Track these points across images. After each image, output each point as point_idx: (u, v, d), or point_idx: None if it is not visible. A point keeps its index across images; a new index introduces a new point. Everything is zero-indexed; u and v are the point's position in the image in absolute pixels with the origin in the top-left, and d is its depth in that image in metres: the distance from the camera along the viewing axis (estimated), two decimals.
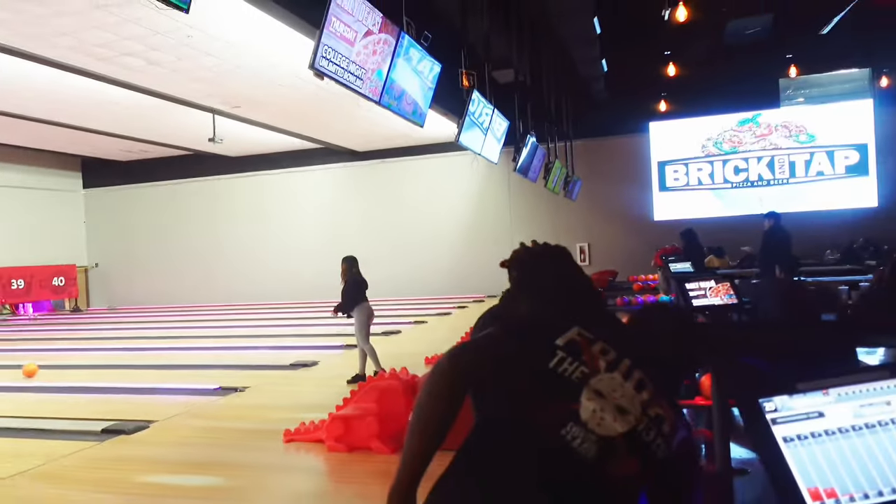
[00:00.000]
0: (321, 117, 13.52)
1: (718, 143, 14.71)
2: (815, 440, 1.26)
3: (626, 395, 1.28)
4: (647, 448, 1.25)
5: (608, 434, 1.23)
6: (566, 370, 1.28)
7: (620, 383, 1.29)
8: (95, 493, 3.95)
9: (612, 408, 1.25)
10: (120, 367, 8.51)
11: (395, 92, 5.12)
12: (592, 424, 1.23)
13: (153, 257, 19.41)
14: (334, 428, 4.59)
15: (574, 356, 1.30)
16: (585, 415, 1.23)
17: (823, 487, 1.21)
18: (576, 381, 1.27)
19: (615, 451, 1.22)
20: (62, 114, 12.57)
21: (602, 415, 1.24)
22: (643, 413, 1.27)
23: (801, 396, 1.31)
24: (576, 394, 1.26)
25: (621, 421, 1.24)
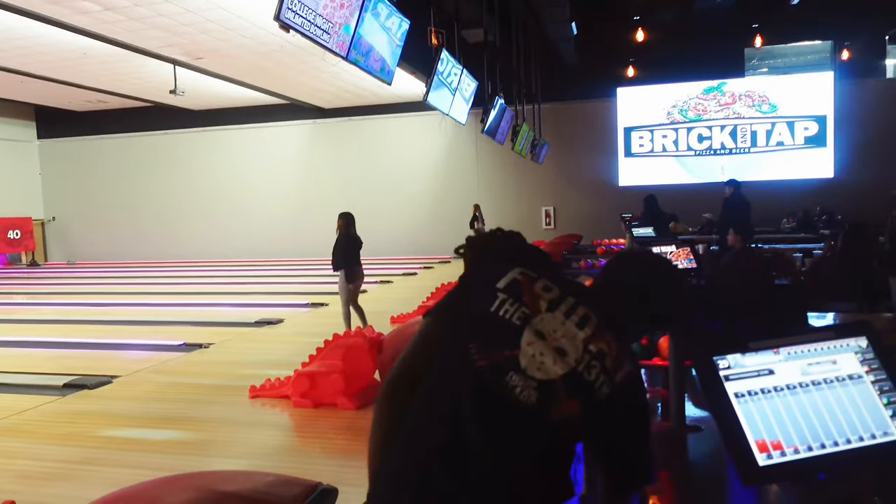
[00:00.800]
0: (287, 72, 13.23)
1: (684, 110, 14.87)
2: (765, 396, 1.34)
3: (568, 334, 1.24)
4: (590, 387, 1.21)
5: (548, 378, 1.20)
6: (507, 312, 1.25)
7: (562, 321, 1.25)
8: (58, 446, 3.93)
9: (551, 350, 1.22)
10: (81, 323, 8.37)
11: (362, 48, 5.03)
12: (532, 370, 1.20)
13: (113, 212, 18.95)
14: (300, 384, 4.63)
15: (515, 297, 1.27)
16: (525, 361, 1.21)
17: (770, 440, 1.29)
18: (517, 323, 1.24)
19: (555, 394, 1.19)
20: (11, 59, 12.03)
21: (542, 359, 1.21)
22: (584, 351, 1.22)
23: (753, 355, 1.38)
24: (516, 339, 1.23)
25: (561, 363, 1.21)
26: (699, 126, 14.81)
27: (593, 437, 1.26)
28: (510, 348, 1.22)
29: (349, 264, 7.00)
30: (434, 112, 9.04)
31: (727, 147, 14.72)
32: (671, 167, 15.05)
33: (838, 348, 1.42)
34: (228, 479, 1.83)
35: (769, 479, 1.39)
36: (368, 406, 4.59)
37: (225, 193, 18.20)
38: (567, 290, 1.31)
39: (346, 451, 3.89)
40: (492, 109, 9.79)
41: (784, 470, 1.28)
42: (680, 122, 14.93)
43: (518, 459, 1.20)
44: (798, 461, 1.28)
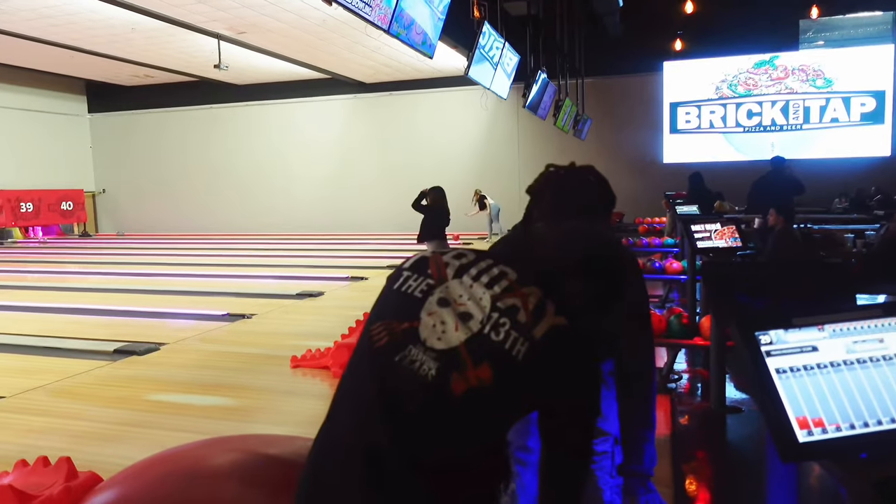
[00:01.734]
0: (329, 47, 13.27)
1: (733, 85, 14.43)
2: (808, 373, 1.31)
3: (474, 296, 1.09)
4: (499, 348, 1.04)
5: (449, 346, 1.05)
6: (409, 287, 1.14)
7: (469, 285, 1.10)
8: (109, 409, 4.09)
9: (454, 316, 1.08)
10: (130, 292, 8.64)
11: (404, 21, 5.01)
12: (432, 340, 1.06)
13: (160, 184, 19.43)
14: (340, 355, 4.70)
15: (419, 272, 1.16)
16: (425, 332, 1.08)
17: (812, 417, 1.26)
18: (418, 296, 1.12)
19: (457, 363, 1.04)
20: (62, 35, 12.34)
21: (443, 328, 1.07)
22: (492, 309, 1.07)
23: (797, 331, 1.35)
24: (416, 310, 1.10)
25: (463, 328, 1.06)
26: (749, 101, 14.37)
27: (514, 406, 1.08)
28: (409, 321, 1.10)
29: (437, 238, 7.02)
30: (475, 87, 8.97)
31: (778, 123, 14.26)
32: (718, 144, 14.68)
33: (885, 327, 1.38)
34: (271, 443, 1.88)
35: (809, 456, 1.36)
36: None
37: (267, 167, 18.47)
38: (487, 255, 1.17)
39: None
40: (534, 84, 9.67)
41: (825, 447, 1.26)
42: (729, 97, 14.51)
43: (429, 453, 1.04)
44: (839, 439, 1.26)
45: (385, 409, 1.06)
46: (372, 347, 1.11)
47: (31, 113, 18.08)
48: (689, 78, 14.78)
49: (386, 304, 1.17)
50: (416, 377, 1.05)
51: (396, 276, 1.19)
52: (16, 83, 17.28)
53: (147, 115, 19.36)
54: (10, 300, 8.08)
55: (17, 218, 17.21)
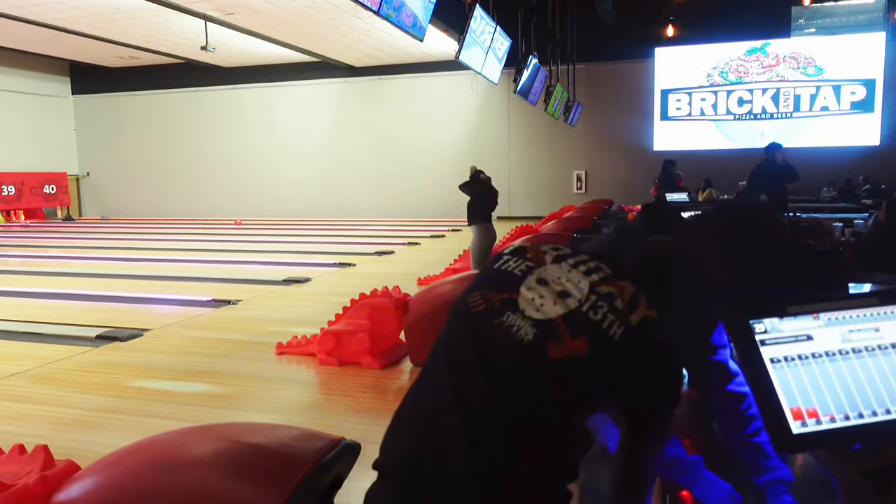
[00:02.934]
0: (318, 29, 13.11)
1: (724, 72, 14.42)
2: (802, 362, 1.28)
3: (572, 279, 1.18)
4: (597, 326, 1.12)
5: (547, 317, 1.15)
6: (508, 266, 1.25)
7: (567, 270, 1.20)
8: (90, 395, 4.02)
9: (553, 293, 1.17)
10: (114, 277, 8.54)
11: (394, 2, 4.93)
12: (530, 311, 1.16)
13: (145, 168, 19.23)
14: (326, 342, 4.65)
15: (518, 255, 1.27)
16: (523, 304, 1.17)
17: (806, 407, 1.23)
18: (518, 273, 1.22)
19: (555, 332, 1.13)
20: (46, 14, 12.11)
21: (541, 301, 1.17)
22: (590, 292, 1.16)
23: (792, 319, 1.31)
24: (515, 285, 1.20)
25: (561, 304, 1.16)
26: (740, 89, 14.38)
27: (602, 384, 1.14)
28: (508, 292, 1.20)
29: (485, 221, 6.97)
30: (466, 71, 8.91)
31: (768, 111, 14.28)
32: (709, 132, 14.68)
33: (882, 315, 1.35)
34: (252, 431, 1.83)
35: (802, 447, 1.33)
36: (393, 366, 4.62)
37: (255, 151, 18.31)
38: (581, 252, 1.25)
39: (371, 409, 3.92)
40: (525, 69, 9.60)
41: (818, 438, 1.23)
42: (720, 84, 14.50)
43: (518, 411, 1.12)
44: (834, 430, 1.23)
45: (480, 364, 1.15)
46: (469, 311, 1.21)
47: (13, 94, 17.79)
48: (680, 65, 14.75)
49: (484, 279, 1.27)
50: (513, 339, 1.14)
51: (496, 258, 1.29)
52: None
53: (132, 97, 19.10)
54: None
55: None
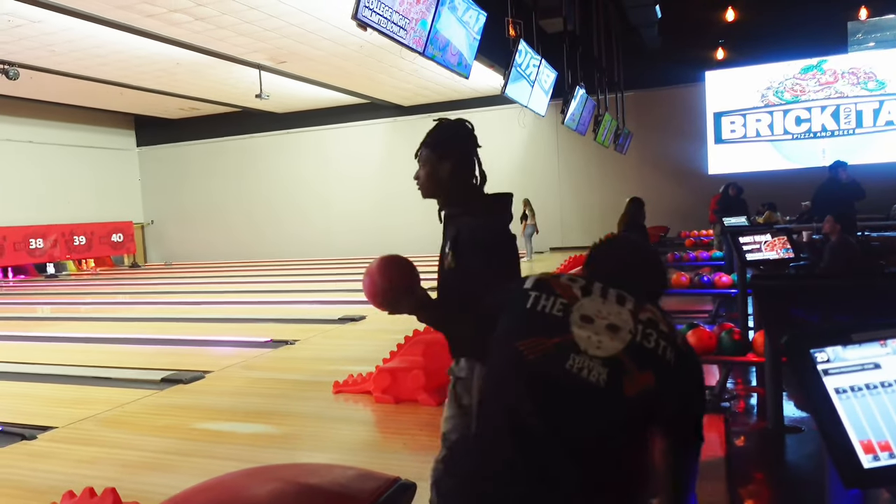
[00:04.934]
0: (366, 72, 13.46)
1: (779, 91, 14.08)
2: (870, 392, 1.21)
3: (612, 311, 1.24)
4: (654, 355, 1.21)
5: (610, 354, 1.19)
6: (545, 307, 1.26)
7: (601, 302, 1.25)
8: (158, 437, 4.12)
9: (604, 328, 1.22)
10: (177, 321, 8.81)
11: (439, 43, 5.03)
12: (592, 350, 1.19)
13: (205, 214, 19.91)
14: (381, 380, 4.66)
15: (546, 292, 1.28)
16: (583, 343, 1.20)
17: (877, 440, 1.16)
18: (558, 314, 1.24)
19: (624, 368, 1.19)
20: (112, 73, 12.82)
21: (598, 338, 1.20)
22: (636, 322, 1.23)
23: (856, 347, 1.25)
24: (564, 326, 1.23)
25: (618, 338, 1.21)
26: (797, 108, 13.99)
27: (666, 405, 1.23)
28: (560, 335, 1.22)
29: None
30: (513, 105, 8.95)
31: (828, 129, 13.83)
32: (766, 153, 14.30)
33: None
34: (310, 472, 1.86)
35: (875, 483, 1.26)
36: None
37: (308, 192, 18.75)
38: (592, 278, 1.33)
39: (427, 447, 3.88)
40: (572, 100, 9.60)
41: (893, 473, 1.16)
42: (775, 104, 14.15)
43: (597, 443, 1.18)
44: None
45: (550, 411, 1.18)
46: (524, 359, 1.22)
47: (83, 149, 18.80)
48: (732, 86, 14.48)
49: (524, 323, 1.27)
50: (586, 382, 1.17)
51: (521, 296, 1.30)
52: (69, 121, 18.01)
53: (192, 146, 19.92)
54: (62, 332, 8.33)
55: (70, 251, 17.83)
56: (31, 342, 7.87)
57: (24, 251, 16.65)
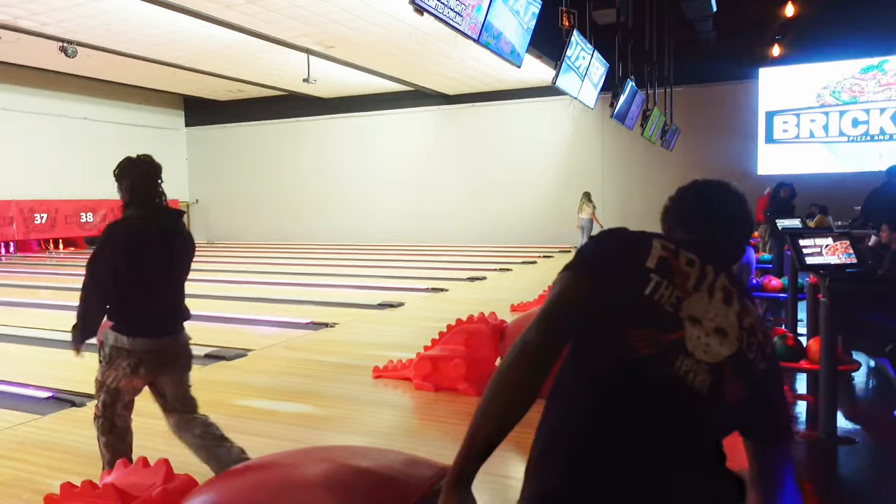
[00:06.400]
0: (414, 59, 13.43)
1: (836, 92, 13.62)
2: None
3: (720, 313, 1.18)
4: (750, 365, 1.19)
5: (717, 360, 1.15)
6: (662, 297, 1.16)
7: (708, 301, 1.19)
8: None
9: (712, 331, 1.16)
10: (220, 298, 8.95)
11: (493, 30, 4.97)
12: (699, 353, 1.14)
13: (248, 195, 20.20)
14: (422, 367, 4.66)
15: (668, 279, 1.18)
16: (691, 344, 1.14)
17: None
18: (671, 308, 1.16)
19: (726, 376, 1.15)
20: (165, 53, 13.04)
21: (707, 340, 1.15)
22: (741, 328, 1.19)
23: None
24: (677, 322, 1.16)
25: (727, 344, 1.16)
26: (854, 109, 13.52)
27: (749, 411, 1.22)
28: (672, 332, 1.15)
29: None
30: (558, 97, 8.86)
31: (887, 132, 13.33)
32: (819, 154, 13.87)
33: None
34: (362, 455, 1.84)
35: None
36: None
37: (351, 178, 18.87)
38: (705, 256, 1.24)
39: None
40: (622, 93, 9.43)
41: None
42: (832, 104, 13.70)
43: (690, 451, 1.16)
44: None
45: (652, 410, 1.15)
46: (638, 354, 1.15)
47: (134, 127, 19.21)
48: (787, 85, 14.06)
49: (638, 308, 1.17)
50: (691, 385, 1.13)
51: (642, 277, 1.18)
52: (122, 99, 18.42)
53: (238, 127, 20.19)
54: None
55: None
56: None
57: (76, 224, 17.12)
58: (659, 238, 1.24)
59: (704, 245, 1.28)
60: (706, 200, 1.42)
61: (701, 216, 1.38)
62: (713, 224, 1.36)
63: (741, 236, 1.39)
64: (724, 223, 1.37)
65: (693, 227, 1.37)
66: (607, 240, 1.26)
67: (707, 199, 1.42)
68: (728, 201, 1.40)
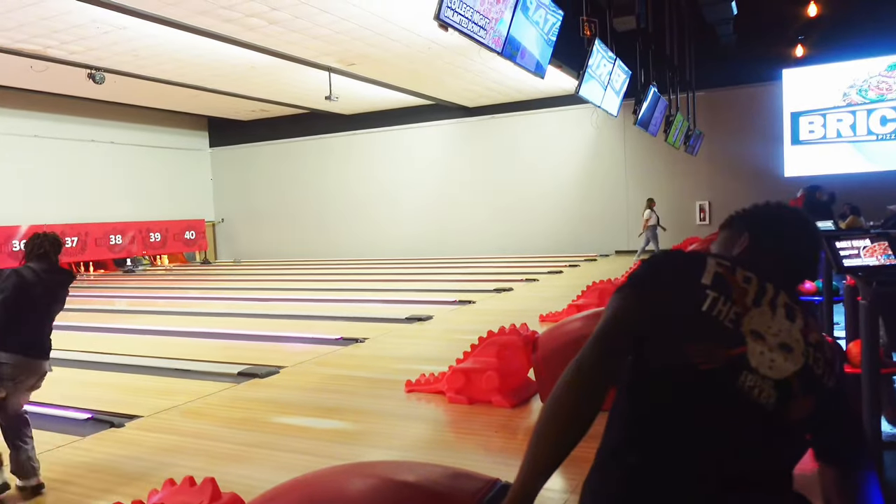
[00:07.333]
0: (433, 73, 13.52)
1: (863, 90, 13.42)
2: None
3: (783, 328, 1.17)
4: (819, 381, 1.17)
5: (783, 376, 1.13)
6: (720, 312, 1.15)
7: (771, 316, 1.17)
8: (238, 430, 4.23)
9: (776, 347, 1.15)
10: (249, 316, 9.05)
11: (516, 43, 4.99)
12: (764, 369, 1.12)
13: (274, 213, 20.42)
14: (455, 380, 4.65)
15: (725, 295, 1.16)
16: (754, 360, 1.13)
17: None
18: (731, 324, 1.14)
19: (791, 392, 1.14)
20: (189, 76, 13.28)
21: (771, 356, 1.14)
22: (806, 344, 1.17)
23: None
24: (738, 338, 1.14)
25: (791, 360, 1.15)
26: (882, 107, 13.30)
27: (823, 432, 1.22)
28: (733, 347, 1.14)
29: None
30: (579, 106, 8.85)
31: None
32: (847, 154, 13.65)
33: None
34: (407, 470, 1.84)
35: None
36: (523, 404, 4.54)
37: (375, 192, 18.99)
38: (762, 273, 1.23)
39: (502, 449, 3.86)
40: (644, 100, 9.39)
41: None
42: (859, 103, 13.49)
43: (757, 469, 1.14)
44: None
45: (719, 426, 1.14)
46: (697, 369, 1.13)
47: (160, 149, 19.57)
48: (811, 85, 13.89)
49: (696, 325, 1.15)
50: (756, 402, 1.12)
51: (698, 294, 1.16)
52: (147, 122, 18.79)
53: (262, 146, 20.46)
54: (141, 324, 8.65)
55: (146, 247, 18.58)
56: (113, 333, 8.22)
57: (105, 247, 17.44)
58: (713, 256, 1.23)
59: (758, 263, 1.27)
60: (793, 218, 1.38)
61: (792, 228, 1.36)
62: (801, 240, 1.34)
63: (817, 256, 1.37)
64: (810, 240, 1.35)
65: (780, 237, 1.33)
66: (662, 260, 1.27)
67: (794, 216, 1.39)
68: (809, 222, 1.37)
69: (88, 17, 9.43)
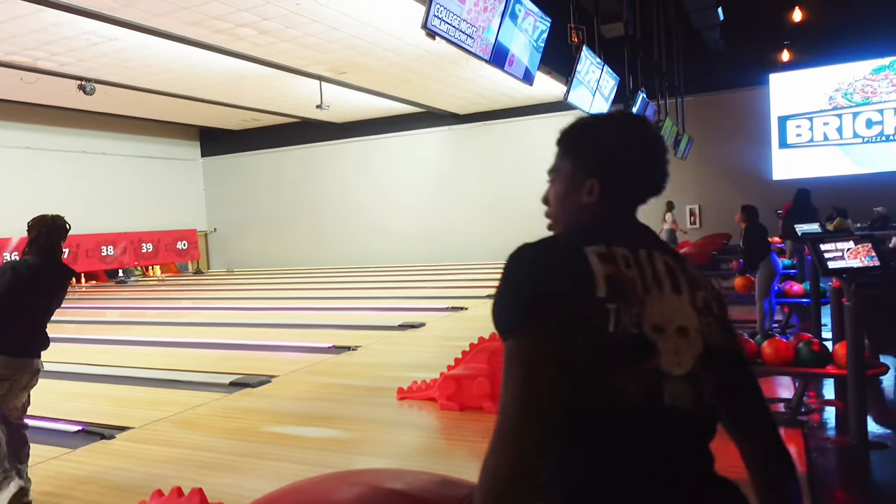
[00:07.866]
0: (424, 81, 13.57)
1: (849, 93, 13.55)
2: None
3: (675, 307, 1.04)
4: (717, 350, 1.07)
5: (689, 370, 1.02)
6: (624, 324, 0.98)
7: (661, 299, 1.03)
8: (230, 440, 4.23)
9: (674, 334, 1.02)
10: (241, 325, 9.03)
11: (504, 50, 5.03)
12: (675, 369, 1.01)
13: (266, 222, 20.38)
14: (446, 387, 4.66)
15: (621, 299, 0.99)
16: (666, 363, 1.00)
17: None
18: (635, 330, 0.99)
19: (700, 378, 1.03)
20: (180, 86, 13.28)
21: (675, 349, 1.02)
22: (697, 314, 1.06)
23: None
24: (646, 345, 1.00)
25: (690, 346, 1.03)
26: (868, 110, 13.43)
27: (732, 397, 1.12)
28: (647, 359, 1.00)
29: (762, 259, 6.59)
30: (569, 112, 8.88)
31: None
32: (834, 157, 13.77)
33: None
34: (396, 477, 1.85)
35: None
36: None
37: (367, 200, 18.99)
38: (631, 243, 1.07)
39: None
40: (633, 105, 9.46)
41: None
42: (844, 106, 13.63)
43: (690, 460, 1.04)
44: None
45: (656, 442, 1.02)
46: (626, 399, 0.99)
47: (151, 160, 19.52)
48: (798, 89, 14.02)
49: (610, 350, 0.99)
50: (682, 410, 1.02)
51: (600, 312, 0.98)
52: (138, 133, 18.75)
53: (254, 156, 20.45)
54: (135, 335, 8.63)
55: (138, 258, 18.51)
56: (104, 345, 8.19)
57: (96, 258, 17.37)
58: (588, 246, 1.05)
59: (618, 215, 1.14)
60: (632, 140, 1.19)
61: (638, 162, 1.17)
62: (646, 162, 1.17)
63: (666, 162, 1.17)
64: (653, 157, 1.17)
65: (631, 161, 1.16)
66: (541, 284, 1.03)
67: (628, 122, 1.21)
68: (645, 129, 1.18)
69: (79, 29, 9.43)
